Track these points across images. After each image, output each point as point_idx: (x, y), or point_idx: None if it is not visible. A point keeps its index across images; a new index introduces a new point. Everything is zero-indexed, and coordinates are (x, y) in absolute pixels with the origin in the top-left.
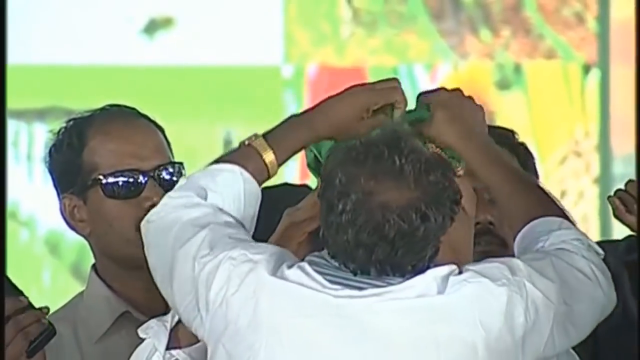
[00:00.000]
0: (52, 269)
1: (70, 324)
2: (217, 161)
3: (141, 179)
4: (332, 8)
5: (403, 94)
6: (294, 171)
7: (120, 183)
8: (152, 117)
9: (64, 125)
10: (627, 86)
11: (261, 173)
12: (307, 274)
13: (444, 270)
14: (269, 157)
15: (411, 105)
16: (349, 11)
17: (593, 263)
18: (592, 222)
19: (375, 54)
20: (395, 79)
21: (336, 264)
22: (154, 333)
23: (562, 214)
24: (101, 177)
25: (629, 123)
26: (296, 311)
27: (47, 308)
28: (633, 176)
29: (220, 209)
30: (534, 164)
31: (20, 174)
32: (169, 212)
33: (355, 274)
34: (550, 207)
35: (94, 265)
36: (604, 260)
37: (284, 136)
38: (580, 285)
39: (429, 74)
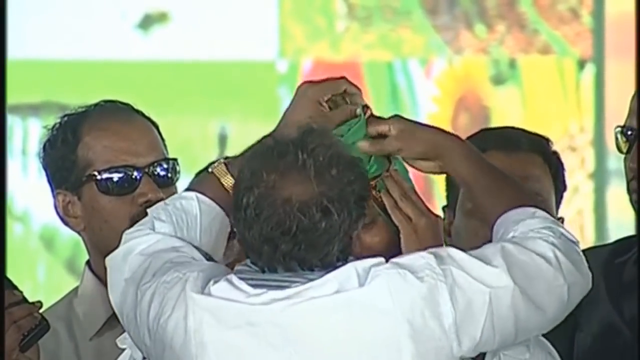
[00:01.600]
0: (47, 264)
1: (64, 320)
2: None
3: (136, 175)
4: (327, 3)
5: (351, 83)
6: None
7: (115, 179)
8: (146, 113)
9: (58, 120)
10: (622, 81)
11: (222, 196)
12: (232, 285)
13: (367, 262)
14: (228, 181)
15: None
16: (343, 6)
17: (558, 249)
18: (587, 217)
19: (370, 49)
20: (342, 77)
21: (255, 266)
22: (130, 344)
23: (538, 206)
24: (96, 173)
25: (624, 118)
26: (221, 325)
27: (40, 303)
28: (619, 171)
29: (170, 236)
30: (563, 174)
31: (15, 169)
32: (123, 248)
33: (263, 272)
34: (527, 199)
35: (88, 262)
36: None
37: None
38: (536, 269)
39: (424, 69)
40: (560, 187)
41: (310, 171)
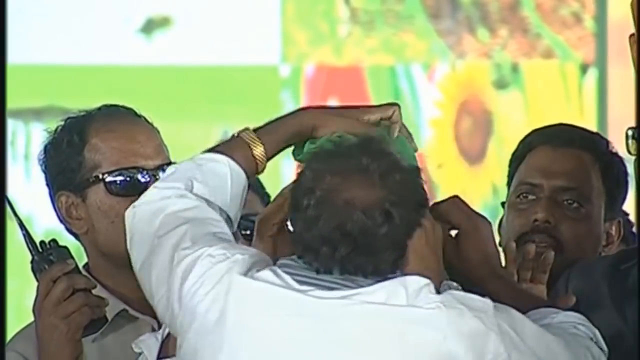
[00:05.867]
0: None
1: None
2: (207, 151)
3: (144, 177)
4: (330, 7)
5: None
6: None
7: (123, 180)
8: (148, 119)
9: (62, 123)
10: (624, 85)
11: (250, 165)
12: (277, 275)
13: (416, 281)
14: (258, 150)
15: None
16: (346, 11)
17: (599, 353)
18: None
19: (373, 53)
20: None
21: (304, 265)
22: (146, 346)
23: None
24: (104, 174)
25: (627, 122)
26: (261, 309)
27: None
28: (631, 175)
29: (207, 202)
30: (619, 174)
31: (18, 173)
32: (156, 200)
33: (318, 272)
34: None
35: (85, 265)
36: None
37: (273, 130)
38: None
39: (427, 74)
40: (611, 185)
41: (375, 175)
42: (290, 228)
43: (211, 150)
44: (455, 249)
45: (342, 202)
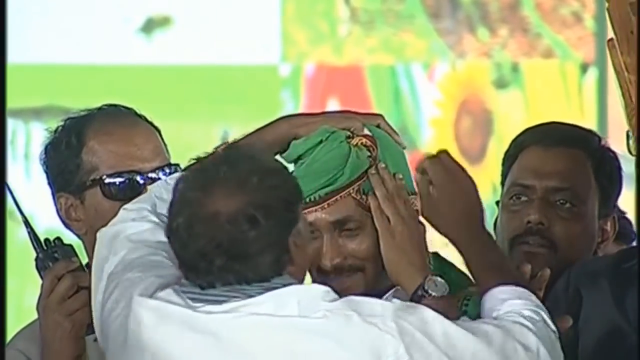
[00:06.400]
0: None
1: None
2: (184, 168)
3: (140, 180)
4: (330, 7)
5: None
6: None
7: (120, 184)
8: (149, 118)
9: (61, 123)
10: None
11: None
12: (176, 293)
13: (309, 290)
14: None
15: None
16: (346, 10)
17: (542, 344)
18: None
19: (373, 53)
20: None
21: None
22: None
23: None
24: (100, 177)
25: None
26: (161, 326)
27: None
28: (630, 175)
29: (162, 227)
30: (612, 171)
31: (18, 173)
32: (117, 223)
33: (202, 288)
34: (514, 278)
35: (87, 265)
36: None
37: (249, 142)
38: (515, 356)
39: (427, 73)
40: (604, 182)
41: (232, 183)
42: None
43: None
44: (431, 204)
45: (208, 216)
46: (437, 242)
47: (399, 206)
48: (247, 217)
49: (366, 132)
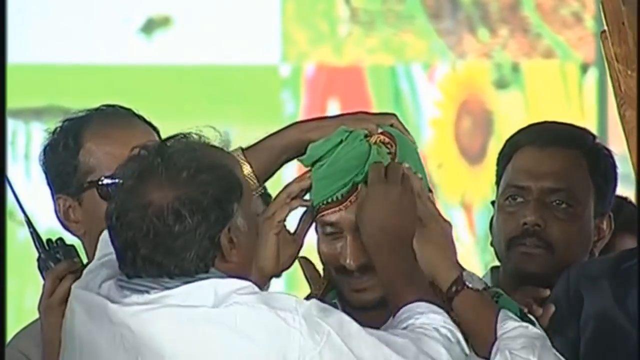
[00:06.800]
0: None
1: None
2: None
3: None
4: (330, 7)
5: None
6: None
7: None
8: (147, 118)
9: (59, 125)
10: None
11: None
12: (115, 285)
13: (229, 284)
14: (245, 169)
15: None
16: (346, 10)
17: (452, 356)
18: None
19: (373, 53)
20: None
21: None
22: None
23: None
24: (98, 179)
25: None
26: (88, 319)
27: None
28: (630, 175)
29: None
30: (607, 169)
31: (18, 173)
32: None
33: (129, 277)
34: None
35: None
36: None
37: (259, 148)
38: None
39: (427, 74)
40: (600, 181)
41: (163, 175)
42: (288, 228)
43: None
44: (358, 210)
45: (138, 205)
46: None
47: (427, 204)
48: (173, 211)
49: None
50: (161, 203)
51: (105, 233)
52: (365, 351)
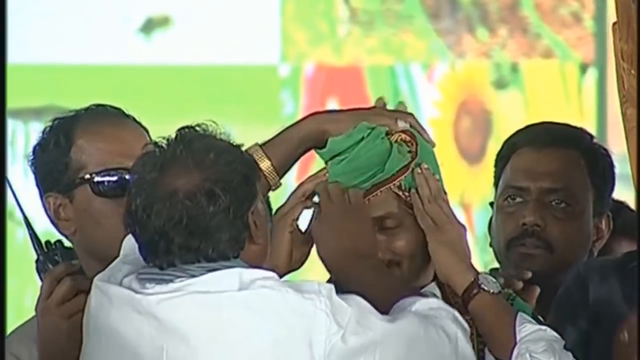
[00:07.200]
0: None
1: None
2: None
3: (129, 177)
4: (329, 7)
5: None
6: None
7: (109, 181)
8: (137, 118)
9: (50, 124)
10: None
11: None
12: (136, 277)
13: (255, 273)
14: (264, 164)
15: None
16: (346, 10)
17: (462, 331)
18: None
19: (372, 53)
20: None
21: (154, 267)
22: None
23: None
24: (89, 175)
25: None
26: (114, 311)
27: None
28: (630, 175)
29: None
30: (605, 169)
31: (17, 173)
32: None
33: (162, 269)
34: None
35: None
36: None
37: (277, 142)
38: (439, 342)
39: (426, 74)
40: (598, 181)
41: (189, 160)
42: (301, 227)
43: None
44: (315, 230)
45: (166, 194)
46: None
47: (443, 206)
48: (206, 192)
49: (401, 126)
50: (190, 187)
51: (130, 236)
52: (388, 334)
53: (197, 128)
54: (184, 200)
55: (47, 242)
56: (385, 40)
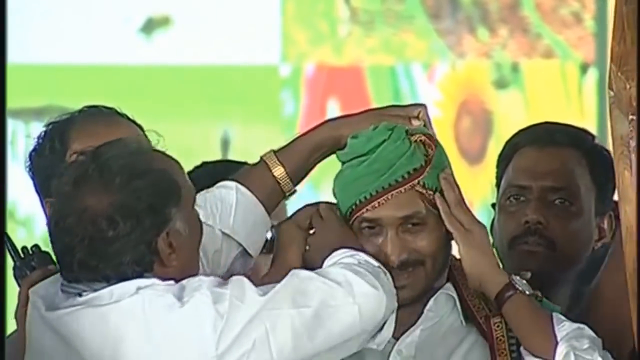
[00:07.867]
0: None
1: None
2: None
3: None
4: (330, 7)
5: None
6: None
7: None
8: (131, 117)
9: (44, 129)
10: None
11: (272, 187)
12: (59, 289)
13: (151, 282)
14: (277, 170)
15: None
16: (346, 10)
17: (353, 272)
18: None
19: (373, 53)
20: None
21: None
22: None
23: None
24: None
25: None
26: (35, 324)
27: None
28: None
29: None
30: (606, 168)
31: (18, 173)
32: None
33: (69, 282)
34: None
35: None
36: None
37: (290, 149)
38: (328, 291)
39: (427, 74)
40: (600, 180)
41: (98, 180)
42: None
43: (232, 177)
44: (308, 251)
45: (76, 210)
46: None
47: (466, 210)
48: (107, 217)
49: (415, 125)
50: (95, 209)
51: None
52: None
53: (123, 144)
54: (87, 221)
55: (24, 247)
56: (385, 40)
